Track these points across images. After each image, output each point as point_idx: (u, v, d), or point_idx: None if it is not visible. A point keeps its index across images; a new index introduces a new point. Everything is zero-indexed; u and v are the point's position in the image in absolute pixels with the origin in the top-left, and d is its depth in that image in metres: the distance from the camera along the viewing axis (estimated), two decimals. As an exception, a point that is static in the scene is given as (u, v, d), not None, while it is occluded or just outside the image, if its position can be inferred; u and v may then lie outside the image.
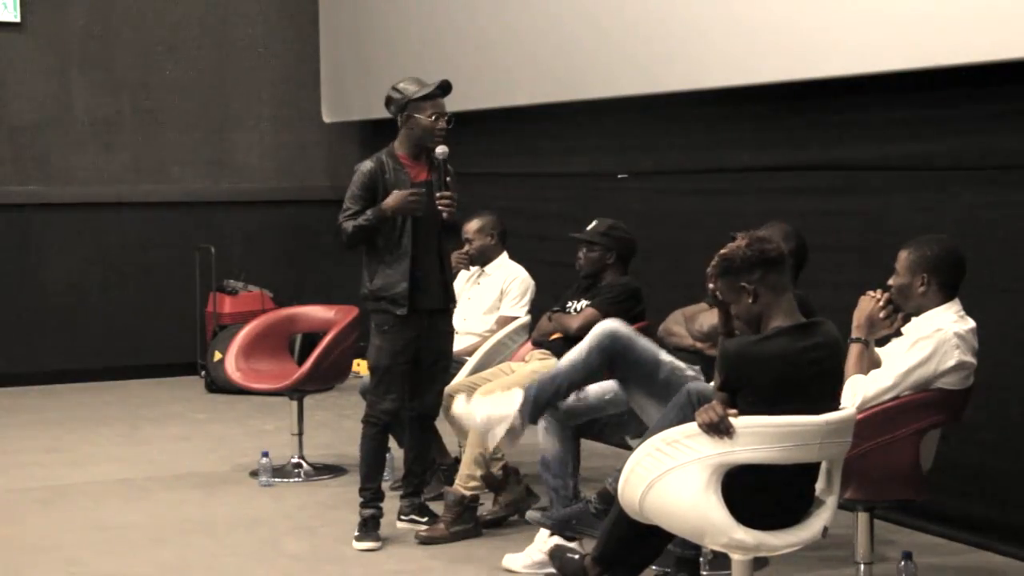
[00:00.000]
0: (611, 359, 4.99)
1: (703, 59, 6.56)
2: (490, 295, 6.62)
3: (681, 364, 5.04)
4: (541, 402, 4.95)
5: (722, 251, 4.18)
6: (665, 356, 5.04)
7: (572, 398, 5.15)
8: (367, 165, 5.56)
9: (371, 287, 5.57)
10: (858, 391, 4.34)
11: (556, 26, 7.66)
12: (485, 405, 4.94)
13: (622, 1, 7.14)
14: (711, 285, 4.31)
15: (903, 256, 4.54)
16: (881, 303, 4.50)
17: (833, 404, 4.04)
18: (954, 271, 4.50)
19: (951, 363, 4.38)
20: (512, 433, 4.89)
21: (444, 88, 5.55)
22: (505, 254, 6.71)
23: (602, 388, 5.20)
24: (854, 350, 4.45)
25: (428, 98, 5.52)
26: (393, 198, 5.45)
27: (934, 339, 4.37)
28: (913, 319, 4.49)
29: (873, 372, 4.42)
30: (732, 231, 5.23)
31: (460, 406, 5.01)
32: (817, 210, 6.08)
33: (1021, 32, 4.92)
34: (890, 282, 4.58)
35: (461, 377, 6.12)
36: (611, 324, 5.06)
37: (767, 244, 4.11)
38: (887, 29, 5.52)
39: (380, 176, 5.52)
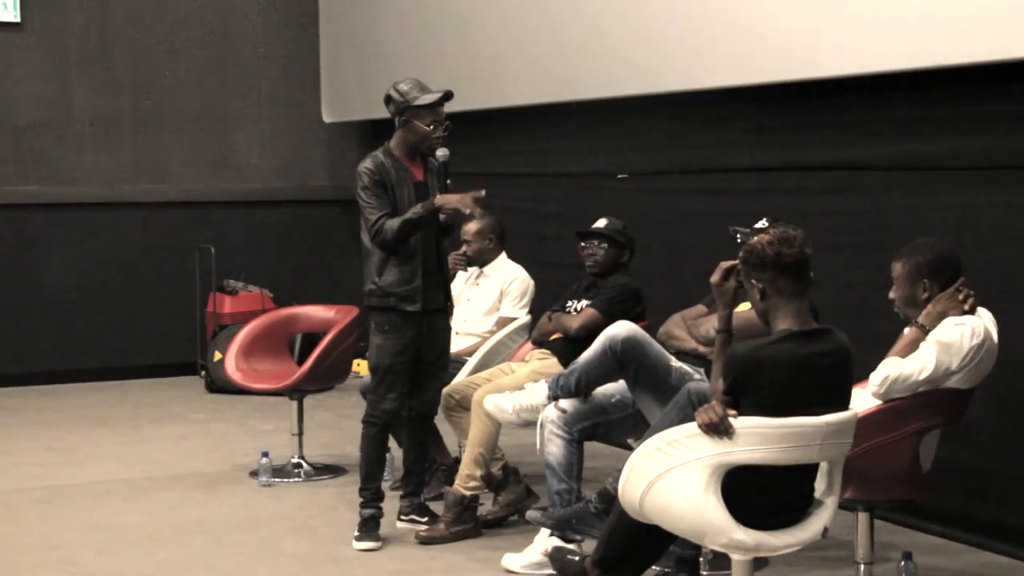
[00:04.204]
0: (623, 363, 5.02)
1: (703, 59, 6.55)
2: (489, 296, 6.62)
3: (688, 369, 5.05)
4: (562, 390, 5.19)
5: (752, 239, 4.17)
6: (674, 361, 5.06)
7: (579, 402, 5.16)
8: (370, 162, 5.54)
9: (380, 283, 5.53)
10: (891, 371, 4.34)
11: (556, 26, 7.66)
12: (513, 399, 5.26)
13: (622, 1, 7.14)
14: (714, 279, 4.32)
15: (898, 267, 4.56)
16: (967, 307, 4.48)
17: (840, 412, 4.03)
18: (951, 270, 4.52)
19: (975, 364, 4.40)
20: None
21: (447, 98, 5.54)
22: (503, 255, 6.70)
23: (608, 391, 5.21)
24: (910, 334, 4.46)
25: (429, 107, 5.50)
26: (446, 197, 5.43)
27: (973, 345, 4.37)
28: (946, 323, 4.44)
29: (910, 361, 4.39)
30: (732, 227, 5.26)
31: (490, 403, 5.34)
32: (817, 210, 6.08)
33: (1021, 32, 4.92)
34: (891, 295, 4.59)
35: (461, 377, 6.12)
36: (624, 327, 5.07)
37: (787, 248, 4.06)
38: (887, 29, 5.52)
39: (384, 172, 5.52)
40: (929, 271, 4.50)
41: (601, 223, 6.02)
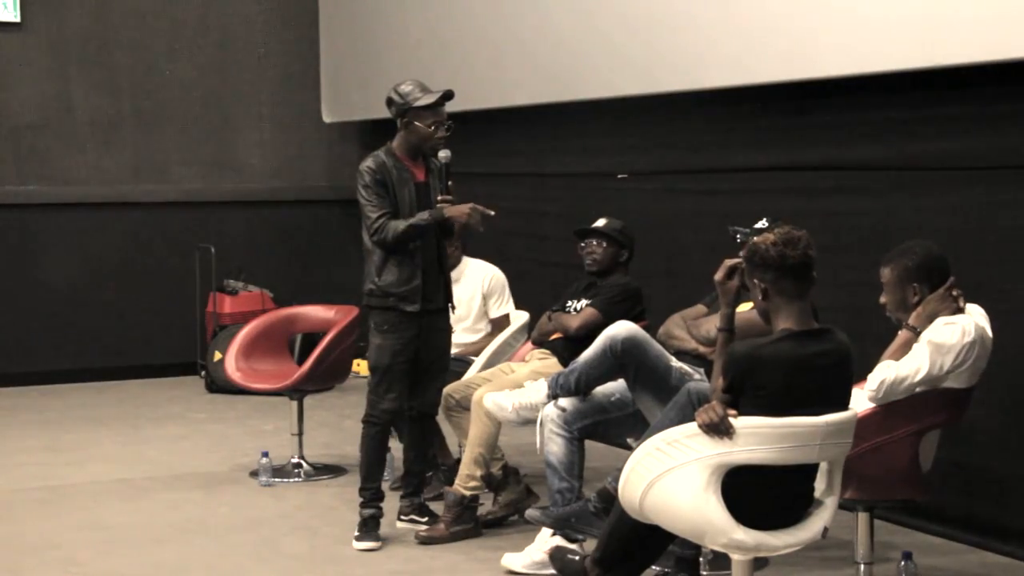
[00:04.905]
0: (623, 363, 5.02)
1: (703, 59, 6.55)
2: (471, 302, 6.58)
3: (688, 369, 5.05)
4: (562, 389, 5.17)
5: (756, 238, 4.17)
6: (675, 362, 5.06)
7: (578, 401, 5.16)
8: (372, 161, 5.54)
9: (379, 283, 5.52)
10: (886, 374, 4.34)
11: (556, 26, 7.66)
12: (513, 397, 5.24)
13: (622, 1, 7.14)
14: (718, 276, 4.32)
15: (887, 273, 4.57)
16: (960, 304, 4.48)
17: (840, 411, 4.03)
18: (940, 270, 4.53)
19: (970, 362, 4.40)
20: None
21: (447, 97, 5.54)
22: (464, 256, 6.67)
23: (607, 389, 5.20)
24: (902, 336, 4.47)
25: (429, 107, 5.51)
26: (457, 209, 5.45)
27: (965, 344, 4.37)
28: (937, 323, 4.45)
29: (904, 363, 4.40)
30: (732, 227, 5.26)
31: (489, 401, 5.31)
32: (817, 210, 6.08)
33: (1021, 32, 4.92)
34: (882, 300, 4.59)
35: (469, 376, 6.12)
36: (624, 328, 5.07)
37: (791, 250, 4.05)
38: (887, 29, 5.52)
39: (386, 171, 5.52)
40: (918, 275, 4.51)
41: (600, 223, 6.02)
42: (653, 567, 4.73)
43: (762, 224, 5.17)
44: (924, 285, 4.51)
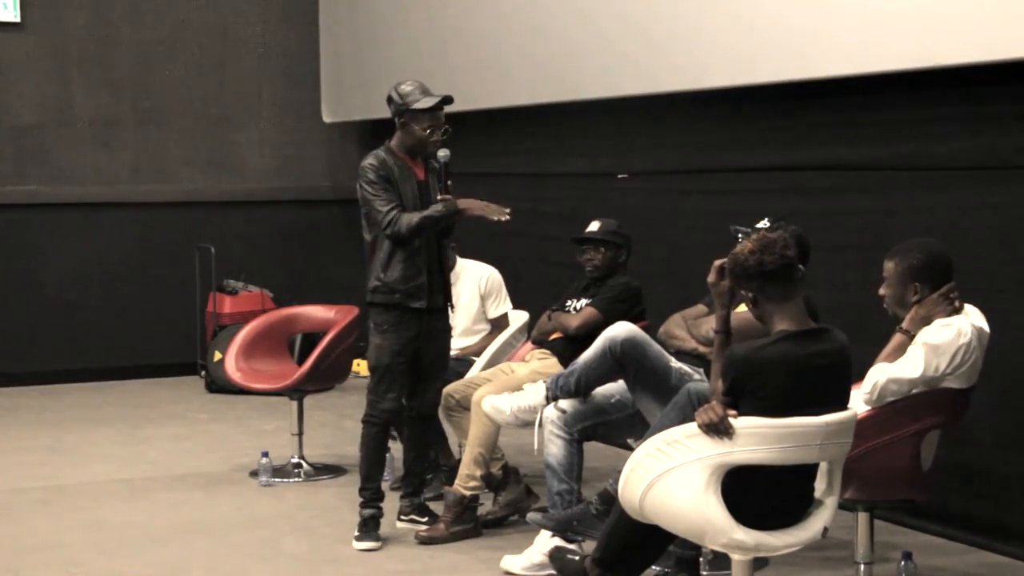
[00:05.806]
0: (622, 364, 5.02)
1: (703, 59, 6.56)
2: (470, 303, 6.57)
3: (688, 369, 5.05)
4: (562, 390, 5.18)
5: (735, 250, 4.17)
6: (674, 362, 5.06)
7: (578, 402, 5.16)
8: (373, 159, 5.53)
9: (385, 279, 5.52)
10: (879, 376, 4.35)
11: (556, 26, 7.66)
12: (511, 400, 5.25)
13: (622, 1, 7.14)
14: (711, 278, 4.32)
15: (890, 267, 4.57)
16: (956, 304, 4.49)
17: (840, 411, 4.03)
18: (943, 272, 4.53)
19: (968, 363, 4.40)
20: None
21: (446, 102, 5.53)
22: (459, 257, 6.66)
23: (607, 391, 5.20)
24: (896, 339, 4.47)
25: (426, 111, 5.50)
26: (469, 201, 5.46)
27: (961, 345, 4.38)
28: (934, 324, 4.45)
29: (898, 364, 4.40)
30: (734, 226, 5.26)
31: (487, 404, 5.32)
32: (817, 210, 6.09)
33: (1021, 32, 4.92)
34: (881, 291, 4.60)
35: (467, 378, 6.12)
36: (623, 329, 5.07)
37: (767, 255, 4.06)
38: (887, 29, 5.52)
39: (388, 168, 5.52)
40: (921, 274, 4.51)
41: (594, 226, 6.02)
42: (653, 567, 4.73)
43: (764, 223, 5.17)
44: (926, 285, 4.51)
